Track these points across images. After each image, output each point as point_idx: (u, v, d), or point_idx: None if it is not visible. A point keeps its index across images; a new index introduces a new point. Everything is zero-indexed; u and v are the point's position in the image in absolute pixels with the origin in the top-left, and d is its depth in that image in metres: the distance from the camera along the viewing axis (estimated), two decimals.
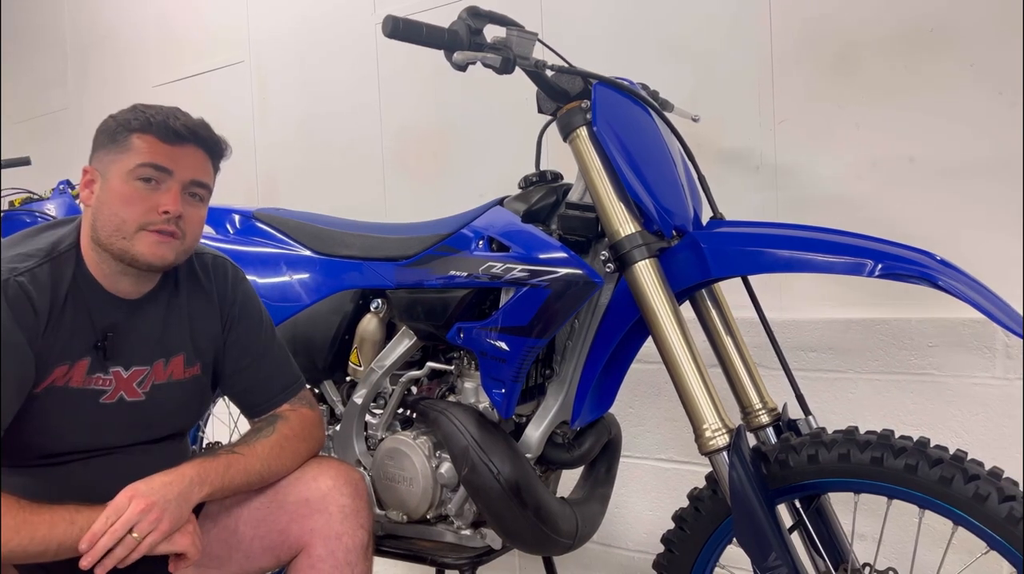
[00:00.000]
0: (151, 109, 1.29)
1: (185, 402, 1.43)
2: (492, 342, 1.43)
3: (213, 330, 1.44)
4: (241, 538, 1.36)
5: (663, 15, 2.09)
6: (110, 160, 1.27)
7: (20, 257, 1.25)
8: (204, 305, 1.43)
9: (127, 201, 1.25)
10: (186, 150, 1.29)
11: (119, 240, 1.26)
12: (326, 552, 1.32)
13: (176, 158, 1.27)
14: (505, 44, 1.34)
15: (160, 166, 1.26)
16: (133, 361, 1.34)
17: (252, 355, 1.46)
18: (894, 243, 1.23)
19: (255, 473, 1.32)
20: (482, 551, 1.57)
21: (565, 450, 1.55)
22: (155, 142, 1.26)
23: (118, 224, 1.25)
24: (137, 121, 1.27)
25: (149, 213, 1.26)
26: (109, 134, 1.28)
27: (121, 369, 1.33)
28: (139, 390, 1.35)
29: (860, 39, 1.84)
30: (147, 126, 1.26)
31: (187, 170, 1.29)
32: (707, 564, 1.39)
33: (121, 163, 1.26)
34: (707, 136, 1.96)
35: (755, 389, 1.42)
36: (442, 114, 2.52)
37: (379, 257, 1.62)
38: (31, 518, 1.13)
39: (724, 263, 1.30)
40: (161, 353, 1.37)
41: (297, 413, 1.45)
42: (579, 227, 1.41)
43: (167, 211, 1.26)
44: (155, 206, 1.26)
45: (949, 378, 1.76)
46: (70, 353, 1.27)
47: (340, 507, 1.33)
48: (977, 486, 1.13)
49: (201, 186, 1.32)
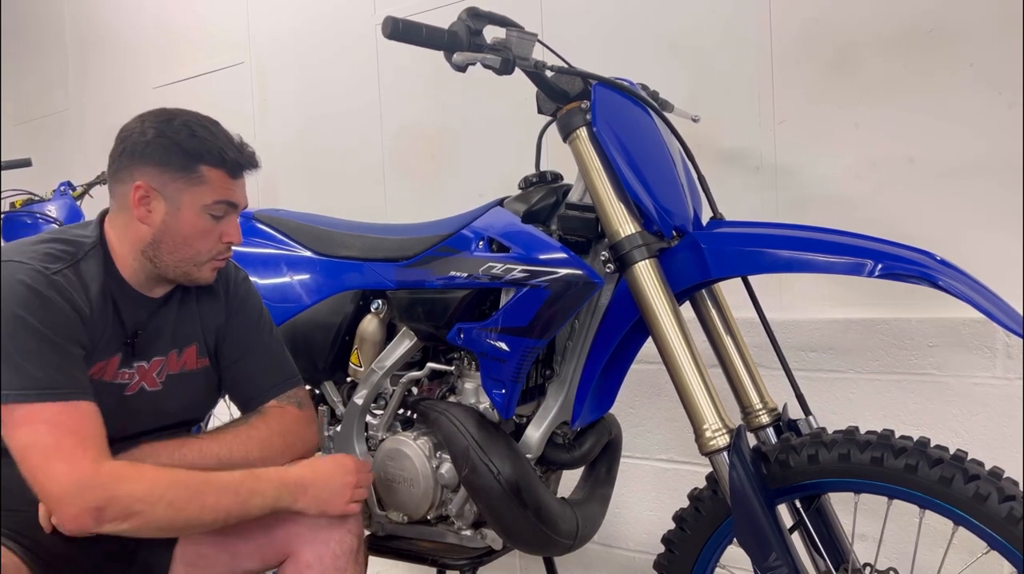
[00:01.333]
0: (213, 137, 1.32)
1: (196, 392, 1.46)
2: (492, 342, 1.43)
3: (218, 323, 1.48)
4: (228, 537, 1.36)
5: (663, 16, 2.09)
6: (179, 188, 1.30)
7: (49, 257, 1.26)
8: (211, 301, 1.47)
9: (202, 235, 1.33)
10: (242, 181, 1.37)
11: (189, 267, 1.34)
12: (314, 558, 1.32)
13: (238, 191, 1.36)
14: (505, 45, 1.34)
15: (233, 203, 1.35)
16: (154, 353, 1.39)
17: (244, 348, 1.49)
18: (894, 243, 1.23)
19: (211, 455, 1.34)
20: (483, 552, 1.57)
21: (565, 450, 1.55)
22: (225, 178, 1.33)
23: (192, 255, 1.33)
24: (210, 154, 1.30)
25: (217, 244, 1.35)
26: (175, 158, 1.29)
27: (144, 363, 1.38)
28: (157, 380, 1.39)
29: (860, 39, 1.84)
30: (220, 162, 1.31)
31: (242, 198, 1.38)
32: (708, 564, 1.39)
33: (195, 195, 1.30)
34: (707, 136, 1.96)
35: (755, 389, 1.42)
36: (442, 115, 2.52)
37: (379, 258, 1.62)
38: (203, 487, 1.22)
39: (724, 263, 1.30)
40: (175, 344, 1.42)
41: (281, 409, 1.47)
42: (579, 227, 1.41)
43: (231, 242, 1.36)
44: (220, 235, 1.35)
45: (949, 378, 1.76)
46: (105, 350, 1.31)
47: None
48: (977, 486, 1.13)
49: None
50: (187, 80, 3.24)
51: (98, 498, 1.15)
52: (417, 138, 2.58)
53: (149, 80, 3.39)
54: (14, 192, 2.95)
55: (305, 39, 2.85)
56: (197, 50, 3.21)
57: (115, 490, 1.16)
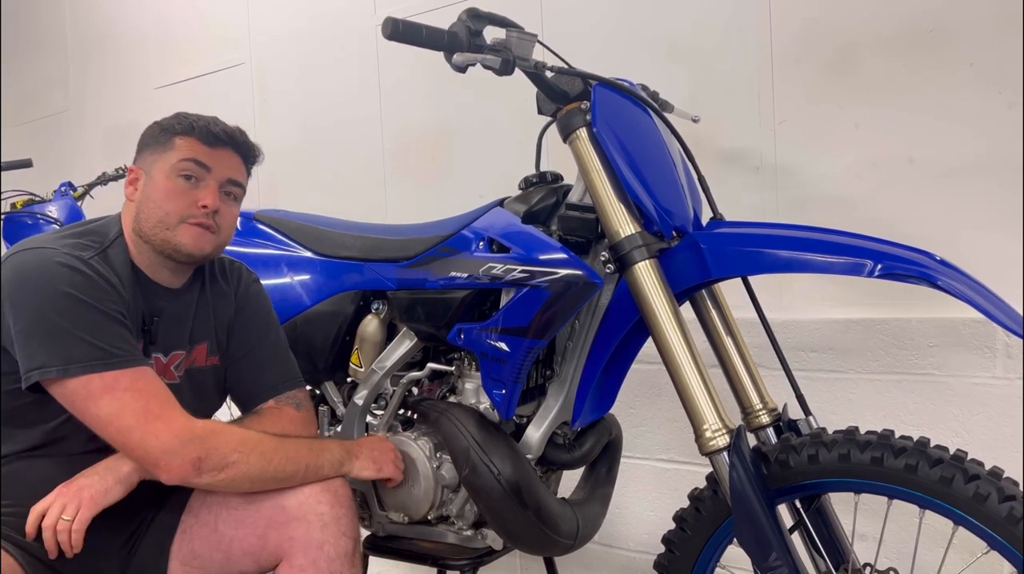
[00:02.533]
0: (193, 115, 1.40)
1: (206, 390, 1.48)
2: (492, 343, 1.43)
3: (228, 320, 1.51)
4: (221, 537, 1.36)
5: (663, 16, 2.10)
6: (154, 159, 1.38)
7: (78, 246, 1.31)
8: (224, 301, 1.50)
9: (170, 195, 1.35)
10: (223, 152, 1.40)
11: (162, 231, 1.35)
12: (307, 561, 1.30)
13: (214, 159, 1.38)
14: (505, 45, 1.34)
15: (200, 162, 1.37)
16: (172, 346, 1.42)
17: (249, 345, 1.51)
18: (894, 243, 1.23)
19: None
20: (483, 552, 1.57)
21: (566, 451, 1.55)
22: (196, 143, 1.37)
23: (161, 217, 1.35)
24: (180, 125, 1.38)
25: (190, 207, 1.36)
26: (154, 137, 1.40)
27: (161, 355, 1.40)
28: (175, 373, 1.42)
29: (860, 39, 1.84)
30: (190, 129, 1.37)
31: (224, 170, 1.39)
32: (708, 564, 1.39)
33: (164, 160, 1.37)
34: (707, 136, 1.96)
35: (755, 389, 1.42)
36: (442, 115, 2.52)
37: (380, 258, 1.62)
38: (281, 445, 1.32)
39: (724, 263, 1.30)
40: (189, 340, 1.44)
41: (278, 410, 1.48)
42: (579, 228, 1.41)
43: (206, 205, 1.36)
44: (195, 201, 1.36)
45: (949, 378, 1.76)
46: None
47: (318, 515, 1.32)
48: (977, 486, 1.13)
49: (236, 185, 1.42)
50: (188, 80, 3.24)
51: (199, 450, 1.24)
52: (417, 138, 2.59)
53: (150, 80, 3.39)
54: (15, 193, 2.95)
55: (306, 39, 2.86)
56: (198, 50, 3.22)
57: (214, 442, 1.26)
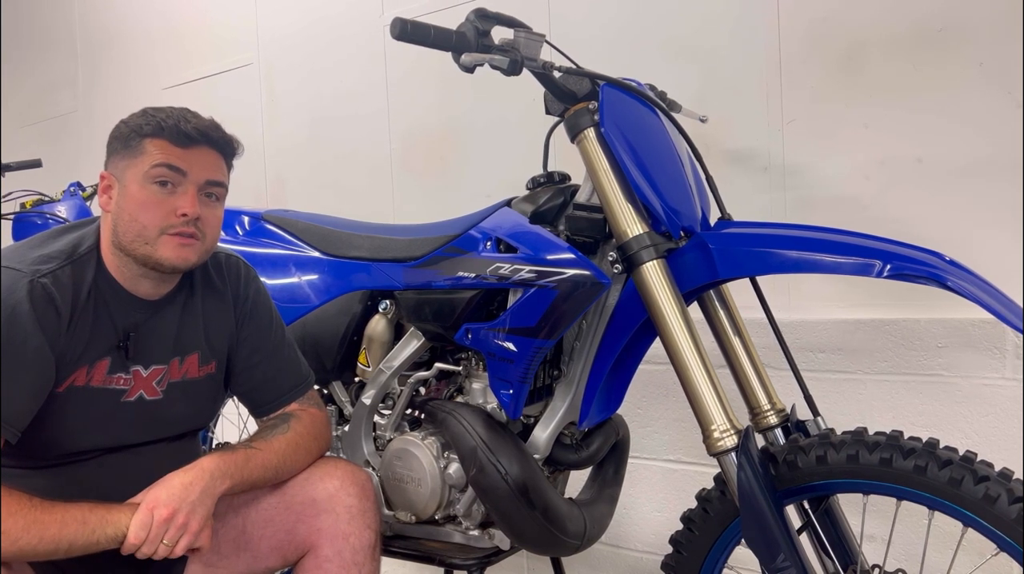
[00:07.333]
0: (161, 112, 1.29)
1: (200, 400, 1.44)
2: (500, 343, 1.43)
3: (227, 328, 1.45)
4: (249, 538, 1.37)
5: (670, 16, 2.09)
6: (125, 166, 1.28)
7: (42, 259, 1.25)
8: (218, 304, 1.44)
9: (145, 206, 1.26)
10: (198, 151, 1.29)
11: (142, 246, 1.27)
12: (333, 552, 1.32)
13: (189, 160, 1.28)
14: (513, 46, 1.34)
15: (174, 166, 1.27)
16: (152, 360, 1.36)
17: (262, 353, 1.47)
18: (902, 243, 1.22)
19: (272, 468, 1.34)
20: (490, 552, 1.57)
21: (573, 451, 1.55)
22: (167, 145, 1.27)
23: (139, 230, 1.27)
24: (148, 126, 1.27)
25: (168, 217, 1.27)
26: (122, 140, 1.29)
27: (141, 368, 1.34)
28: (157, 389, 1.37)
29: (868, 39, 1.84)
30: (159, 130, 1.27)
31: (201, 171, 1.29)
32: (715, 565, 1.39)
33: (136, 167, 1.27)
34: (715, 137, 1.96)
35: (763, 390, 1.41)
36: (450, 115, 2.52)
37: (387, 258, 1.62)
38: (42, 517, 1.13)
39: (732, 264, 1.30)
40: (177, 351, 1.39)
41: (307, 412, 1.47)
42: (587, 228, 1.41)
43: (185, 214, 1.27)
44: (173, 209, 1.27)
45: (959, 379, 1.76)
46: (91, 353, 1.28)
47: (347, 507, 1.34)
48: (987, 487, 1.12)
49: (217, 185, 1.33)
50: (196, 81, 3.25)
51: None
52: (425, 139, 2.59)
53: (158, 81, 3.40)
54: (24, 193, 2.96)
55: (313, 40, 2.86)
56: (205, 51, 3.23)
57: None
